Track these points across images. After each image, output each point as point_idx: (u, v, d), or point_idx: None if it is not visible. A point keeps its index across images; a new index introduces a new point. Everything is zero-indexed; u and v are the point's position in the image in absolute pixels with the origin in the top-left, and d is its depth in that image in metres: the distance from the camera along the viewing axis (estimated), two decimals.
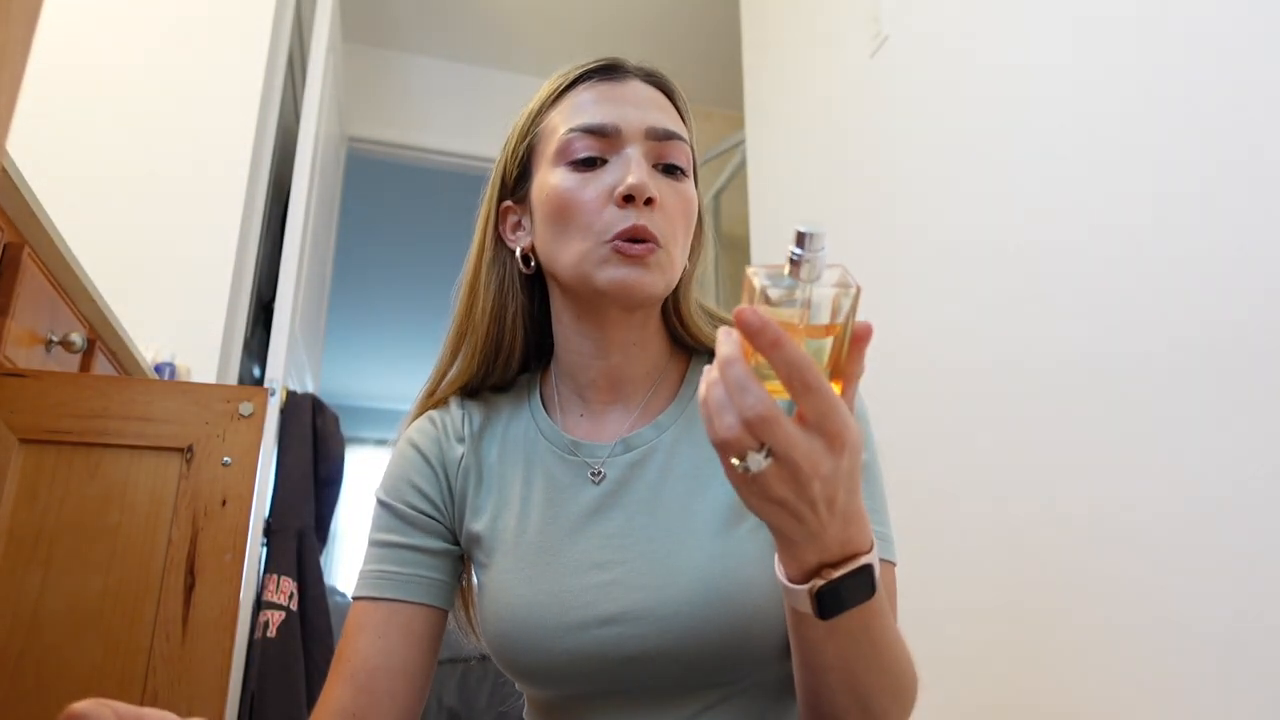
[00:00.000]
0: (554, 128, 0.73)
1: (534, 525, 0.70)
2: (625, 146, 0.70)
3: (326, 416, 2.24)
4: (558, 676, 0.66)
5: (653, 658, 0.63)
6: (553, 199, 0.70)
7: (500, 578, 0.69)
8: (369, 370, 6.08)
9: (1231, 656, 0.87)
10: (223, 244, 1.97)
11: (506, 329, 0.76)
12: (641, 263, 0.67)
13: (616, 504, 0.69)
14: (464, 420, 0.78)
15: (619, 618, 0.64)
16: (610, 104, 0.71)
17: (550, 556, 0.68)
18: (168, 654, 0.92)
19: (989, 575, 1.23)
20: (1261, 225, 0.89)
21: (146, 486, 0.97)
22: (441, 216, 4.20)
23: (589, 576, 0.66)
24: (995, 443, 1.26)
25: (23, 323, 0.98)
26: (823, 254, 0.44)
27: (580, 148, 0.70)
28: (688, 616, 0.62)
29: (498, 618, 0.67)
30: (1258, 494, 0.86)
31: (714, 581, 0.63)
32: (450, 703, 2.45)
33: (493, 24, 3.09)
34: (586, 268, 0.68)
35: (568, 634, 0.64)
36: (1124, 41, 1.10)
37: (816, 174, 1.92)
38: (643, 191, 0.66)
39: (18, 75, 0.31)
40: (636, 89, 0.73)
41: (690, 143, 0.74)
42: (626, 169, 0.68)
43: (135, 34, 2.02)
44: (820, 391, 0.43)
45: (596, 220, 0.68)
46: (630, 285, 0.67)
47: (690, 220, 0.72)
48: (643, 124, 0.70)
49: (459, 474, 0.75)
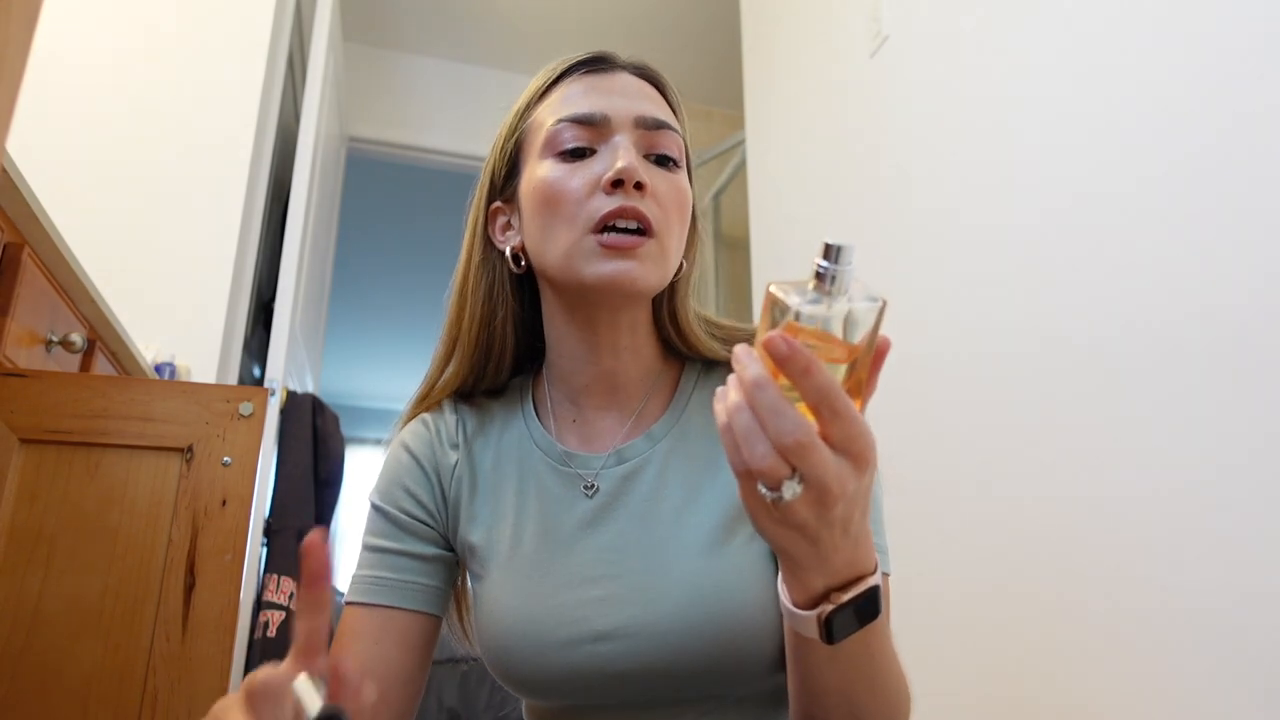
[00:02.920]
0: (541, 121, 0.71)
1: (528, 537, 0.69)
2: (614, 135, 0.68)
3: (326, 416, 2.24)
4: (552, 689, 0.66)
5: (645, 673, 0.63)
6: (540, 190, 0.68)
7: (495, 590, 0.68)
8: (369, 370, 6.08)
9: (1234, 647, 0.87)
10: (223, 244, 1.97)
11: (496, 334, 0.74)
12: (631, 254, 0.64)
13: (609, 517, 0.68)
14: (458, 425, 0.77)
15: (612, 634, 0.63)
16: (598, 94, 0.70)
17: (544, 570, 0.67)
18: (168, 654, 0.92)
19: (987, 568, 1.23)
20: (1263, 210, 0.89)
21: (147, 486, 0.97)
22: (441, 216, 4.19)
23: (582, 591, 0.65)
24: (994, 432, 1.26)
25: (23, 323, 0.98)
26: (851, 268, 0.42)
27: (568, 138, 0.68)
28: (680, 633, 0.62)
29: (492, 631, 0.67)
30: (1262, 482, 0.86)
31: (705, 597, 0.62)
32: (450, 703, 2.45)
33: (493, 24, 3.09)
34: (574, 261, 0.66)
35: (561, 650, 0.64)
36: (1124, 39, 1.10)
37: (816, 174, 1.92)
38: (632, 175, 0.64)
39: (18, 75, 0.31)
40: (626, 80, 0.71)
41: (684, 136, 0.73)
42: (615, 155, 0.66)
43: (135, 34, 2.02)
44: (848, 416, 0.42)
45: (583, 210, 0.65)
46: (618, 279, 0.64)
47: (685, 212, 0.70)
48: (632, 113, 0.68)
49: (453, 480, 0.74)
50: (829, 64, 1.91)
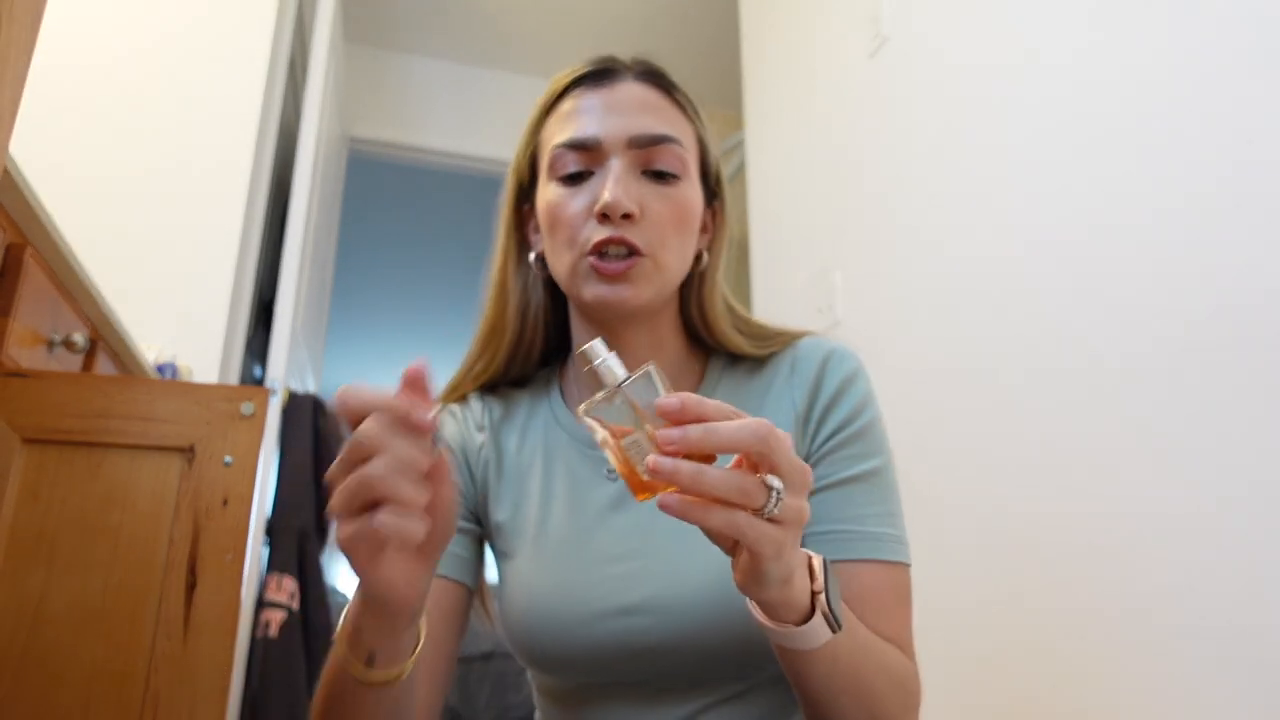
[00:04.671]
0: (548, 138, 0.74)
1: (555, 517, 0.72)
2: (608, 158, 0.69)
3: (327, 417, 2.24)
4: (576, 665, 0.67)
5: (671, 648, 0.64)
6: (546, 213, 0.72)
7: (522, 568, 0.71)
8: (370, 370, 6.08)
9: (1242, 652, 0.87)
10: (224, 244, 1.97)
11: (529, 325, 0.78)
12: (621, 278, 0.67)
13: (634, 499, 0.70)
14: (484, 412, 0.80)
15: (638, 608, 0.65)
16: (594, 114, 0.71)
17: (571, 548, 0.70)
18: (169, 653, 0.92)
19: (1001, 573, 1.23)
20: (1273, 212, 0.89)
21: (148, 486, 0.97)
22: (441, 216, 4.20)
23: (609, 568, 0.68)
24: (1004, 440, 1.26)
25: (25, 323, 0.98)
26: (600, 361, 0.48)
27: (567, 163, 0.71)
28: (706, 607, 0.64)
29: (519, 608, 0.69)
30: (1275, 489, 0.87)
31: (729, 579, 0.63)
32: (450, 702, 2.45)
33: (493, 24, 3.09)
34: (575, 281, 0.69)
35: (588, 624, 0.66)
36: (1124, 41, 1.10)
37: (816, 174, 1.92)
38: (616, 209, 0.66)
39: (20, 76, 0.32)
40: (626, 92, 0.72)
41: (697, 127, 0.74)
42: (604, 184, 0.68)
43: (136, 35, 2.02)
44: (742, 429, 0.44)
45: (578, 235, 0.69)
46: (610, 302, 0.68)
47: (684, 223, 0.71)
48: (625, 133, 0.69)
49: (480, 461, 0.77)
50: (829, 64, 1.91)
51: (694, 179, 0.73)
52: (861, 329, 1.65)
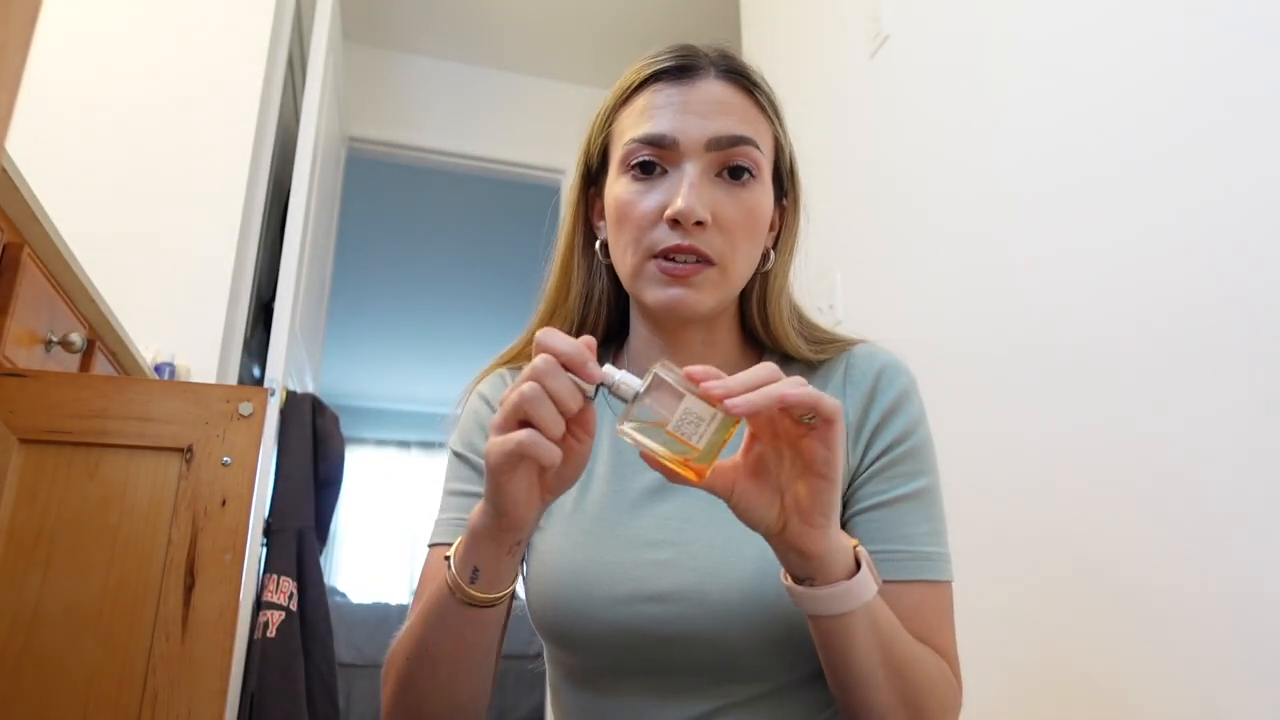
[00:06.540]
0: (622, 130, 0.72)
1: (594, 496, 0.72)
2: (684, 160, 0.68)
3: (326, 416, 2.24)
4: (596, 646, 0.67)
5: (695, 640, 0.64)
6: (615, 206, 0.71)
7: (553, 542, 0.70)
8: (369, 370, 6.07)
9: (1269, 636, 0.87)
10: (223, 244, 1.97)
11: (592, 309, 0.78)
12: (686, 282, 0.67)
13: (677, 488, 0.70)
14: None
15: (668, 596, 0.65)
16: (673, 111, 0.69)
17: (607, 528, 0.70)
18: (167, 654, 0.92)
19: (1001, 573, 1.23)
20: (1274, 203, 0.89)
21: (146, 486, 0.96)
22: (441, 216, 4.20)
23: (643, 554, 0.68)
24: (1004, 439, 1.26)
25: (22, 322, 0.98)
26: (614, 382, 0.51)
27: (641, 156, 0.69)
28: (738, 604, 0.64)
29: (546, 581, 0.69)
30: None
31: (768, 573, 0.64)
32: None
33: (493, 24, 3.09)
34: (638, 282, 0.69)
35: (614, 605, 0.66)
36: (1124, 40, 1.10)
37: (816, 174, 1.92)
38: (689, 217, 0.65)
39: (17, 75, 0.31)
40: (706, 91, 0.70)
41: (774, 135, 0.73)
42: (678, 188, 0.67)
43: (135, 34, 2.02)
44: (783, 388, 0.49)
45: (646, 236, 0.68)
46: (674, 306, 0.67)
47: (754, 228, 0.70)
48: (703, 135, 0.68)
49: None
50: (829, 64, 1.91)
51: (766, 180, 0.72)
52: (862, 329, 1.64)
